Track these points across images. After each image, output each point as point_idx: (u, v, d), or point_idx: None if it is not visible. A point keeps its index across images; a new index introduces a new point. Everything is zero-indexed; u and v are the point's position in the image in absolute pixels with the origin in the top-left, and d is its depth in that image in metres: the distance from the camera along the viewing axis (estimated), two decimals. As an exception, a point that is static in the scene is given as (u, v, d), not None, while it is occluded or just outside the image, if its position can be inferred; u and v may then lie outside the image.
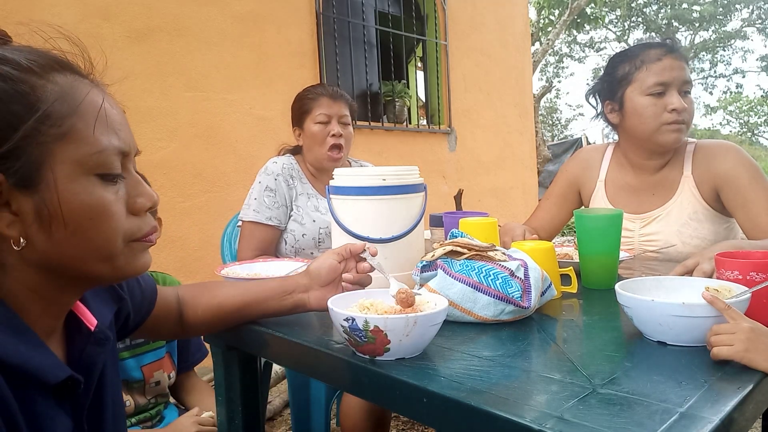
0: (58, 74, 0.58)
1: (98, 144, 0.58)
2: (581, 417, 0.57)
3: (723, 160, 1.42)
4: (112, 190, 0.60)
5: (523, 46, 5.69)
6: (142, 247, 0.65)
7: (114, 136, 0.60)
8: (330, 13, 3.67)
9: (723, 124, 28.04)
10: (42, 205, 0.56)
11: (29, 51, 0.58)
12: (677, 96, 1.39)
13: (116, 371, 0.76)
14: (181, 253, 2.70)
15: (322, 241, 1.76)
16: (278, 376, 2.62)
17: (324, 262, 0.95)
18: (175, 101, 2.74)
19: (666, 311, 0.76)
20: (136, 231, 0.63)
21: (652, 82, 1.40)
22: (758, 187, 1.36)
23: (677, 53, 1.42)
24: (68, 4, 2.39)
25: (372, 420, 1.46)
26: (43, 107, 0.55)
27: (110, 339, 0.70)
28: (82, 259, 0.60)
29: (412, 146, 4.28)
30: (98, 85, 0.62)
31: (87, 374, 0.65)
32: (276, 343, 0.93)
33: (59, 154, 0.56)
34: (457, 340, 0.84)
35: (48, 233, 0.57)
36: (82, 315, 0.68)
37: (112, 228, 0.60)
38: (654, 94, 1.40)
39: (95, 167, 0.58)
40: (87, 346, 0.66)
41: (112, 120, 0.61)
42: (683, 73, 1.40)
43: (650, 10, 24.76)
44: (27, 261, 0.58)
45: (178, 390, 1.43)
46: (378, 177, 1.11)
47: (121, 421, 0.76)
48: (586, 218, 1.15)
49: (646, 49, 1.44)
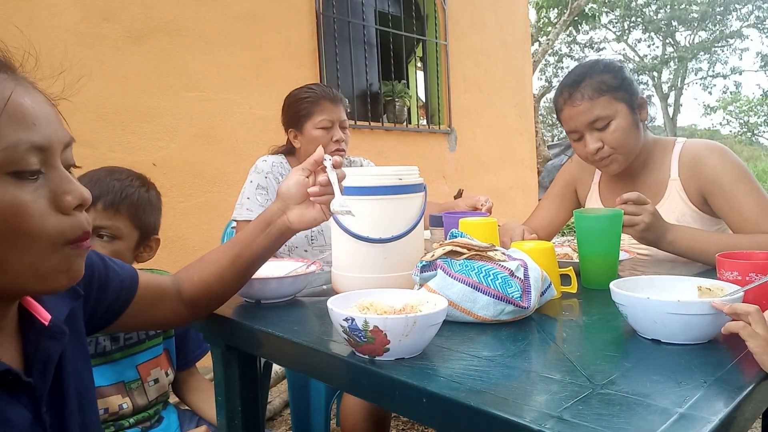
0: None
1: (5, 140, 0.54)
2: (581, 417, 0.57)
3: (706, 164, 1.40)
4: (28, 189, 0.56)
5: (523, 46, 5.69)
6: (76, 254, 0.61)
7: (25, 131, 0.56)
8: (330, 13, 3.67)
9: (723, 124, 28.06)
10: None
11: None
12: (589, 139, 1.41)
13: (84, 365, 0.76)
14: (181, 253, 2.70)
15: (315, 239, 1.75)
16: (278, 376, 2.62)
17: (291, 179, 0.95)
18: (175, 101, 2.74)
19: (661, 309, 0.76)
20: (67, 231, 0.59)
21: (567, 131, 1.47)
22: (742, 188, 1.35)
23: (573, 99, 1.40)
24: (68, 4, 2.38)
25: (372, 420, 1.46)
26: None
27: (66, 333, 0.69)
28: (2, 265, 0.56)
29: (412, 146, 4.28)
30: (14, 76, 0.59)
31: (43, 368, 0.65)
32: (276, 343, 0.93)
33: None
34: (456, 340, 0.84)
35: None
36: (35, 311, 0.67)
37: (33, 229, 0.56)
38: (576, 140, 1.45)
39: (4, 165, 0.54)
40: (41, 340, 0.66)
41: (25, 114, 0.56)
42: (586, 115, 1.39)
43: (649, 10, 24.76)
44: None
45: (181, 389, 1.42)
46: (377, 177, 1.11)
47: (91, 411, 0.76)
48: (586, 218, 1.15)
49: (557, 97, 1.48)
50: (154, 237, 1.30)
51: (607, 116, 1.38)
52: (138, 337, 1.28)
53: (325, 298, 0.84)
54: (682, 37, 25.89)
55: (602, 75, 1.39)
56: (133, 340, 1.27)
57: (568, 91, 1.41)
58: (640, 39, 26.90)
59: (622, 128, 1.38)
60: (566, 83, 1.43)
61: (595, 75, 1.39)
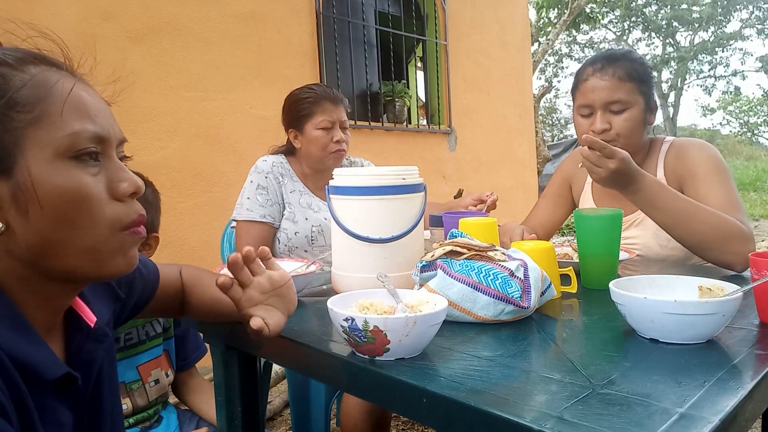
0: (32, 66, 0.59)
1: (70, 127, 0.58)
2: (581, 417, 0.57)
3: (685, 155, 1.41)
4: (89, 172, 0.59)
5: (523, 46, 5.69)
6: (132, 240, 0.64)
7: (88, 121, 0.60)
8: (330, 13, 3.67)
9: (723, 124, 28.07)
10: (17, 189, 0.56)
11: (8, 48, 0.60)
12: (601, 118, 1.39)
13: (114, 369, 0.77)
14: (180, 253, 2.70)
15: (315, 240, 1.75)
16: (278, 376, 2.62)
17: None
18: (175, 101, 2.74)
19: (658, 308, 0.76)
20: (123, 216, 0.62)
21: (580, 104, 1.43)
22: (714, 180, 1.34)
23: (604, 72, 1.39)
24: (68, 4, 2.39)
25: (372, 420, 1.46)
26: (10, 94, 0.56)
27: (109, 336, 0.71)
28: (66, 248, 0.59)
29: (412, 146, 4.27)
30: (75, 76, 0.63)
31: (86, 370, 0.66)
32: (275, 343, 0.93)
33: (32, 138, 0.56)
34: (456, 340, 0.84)
35: (26, 218, 0.57)
36: (82, 312, 0.69)
37: (93, 211, 0.59)
38: (585, 115, 1.43)
39: (68, 149, 0.58)
40: (86, 342, 0.67)
41: (87, 106, 0.61)
42: (609, 93, 1.37)
43: (650, 10, 24.77)
44: (11, 250, 0.58)
45: (181, 390, 1.42)
46: (377, 177, 1.11)
47: (119, 417, 0.77)
48: (586, 218, 1.15)
49: (585, 66, 1.46)
50: (153, 235, 1.31)
51: (627, 102, 1.38)
52: (138, 338, 1.28)
53: (325, 298, 0.84)
54: (683, 37, 25.91)
55: (636, 64, 1.40)
56: (133, 341, 1.27)
57: (602, 63, 1.41)
58: (640, 39, 26.92)
59: (633, 119, 1.39)
60: (601, 56, 1.43)
61: (631, 60, 1.40)
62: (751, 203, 10.82)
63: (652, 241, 1.44)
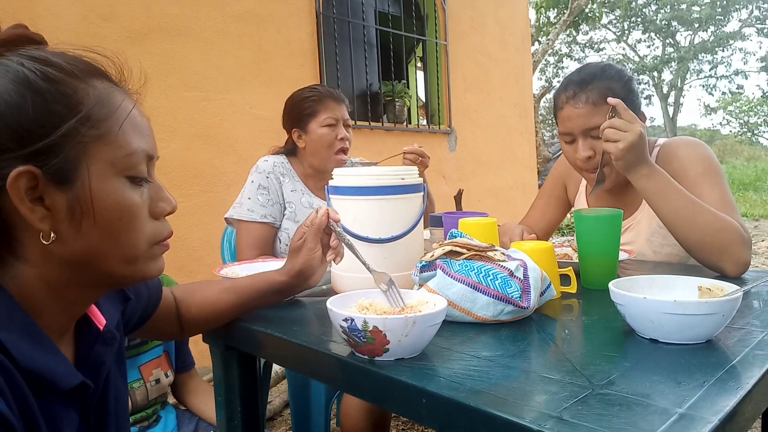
0: (96, 80, 0.62)
1: (129, 147, 0.62)
2: (580, 417, 0.57)
3: (676, 155, 1.36)
4: (138, 193, 0.63)
5: (523, 46, 5.69)
6: (161, 251, 0.68)
7: (143, 140, 0.64)
8: (330, 13, 3.67)
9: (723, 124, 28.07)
10: (75, 201, 0.58)
11: (68, 55, 0.61)
12: (582, 145, 1.33)
13: (122, 370, 0.77)
14: (181, 253, 2.70)
15: None
16: (278, 376, 2.62)
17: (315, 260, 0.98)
18: (175, 101, 2.74)
19: (658, 308, 0.76)
20: (158, 234, 0.66)
21: (561, 131, 1.38)
22: (708, 180, 1.29)
23: (577, 100, 1.31)
24: (68, 4, 2.38)
25: (372, 420, 1.46)
26: (85, 109, 0.58)
27: (117, 338, 0.72)
28: (107, 259, 0.62)
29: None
30: (128, 94, 0.66)
31: (95, 373, 0.67)
32: (275, 343, 0.93)
33: (95, 154, 0.59)
34: (456, 340, 0.84)
35: (77, 230, 0.59)
36: (92, 314, 0.70)
37: (138, 229, 0.63)
38: (568, 143, 1.38)
39: (126, 169, 0.61)
40: (96, 345, 0.68)
41: (141, 126, 0.64)
42: (585, 120, 1.30)
43: (649, 10, 24.76)
44: (53, 257, 0.60)
45: (180, 391, 1.42)
46: (377, 177, 1.11)
47: (124, 418, 0.77)
48: (586, 218, 1.15)
49: (559, 92, 1.38)
50: None
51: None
52: (141, 339, 1.28)
53: (325, 298, 0.83)
54: (683, 37, 25.91)
55: (611, 82, 1.30)
56: (135, 342, 1.28)
57: (573, 89, 1.32)
58: (640, 39, 26.91)
59: None
60: (573, 80, 1.34)
61: (605, 80, 1.30)
62: (751, 203, 10.81)
63: (645, 247, 1.42)
